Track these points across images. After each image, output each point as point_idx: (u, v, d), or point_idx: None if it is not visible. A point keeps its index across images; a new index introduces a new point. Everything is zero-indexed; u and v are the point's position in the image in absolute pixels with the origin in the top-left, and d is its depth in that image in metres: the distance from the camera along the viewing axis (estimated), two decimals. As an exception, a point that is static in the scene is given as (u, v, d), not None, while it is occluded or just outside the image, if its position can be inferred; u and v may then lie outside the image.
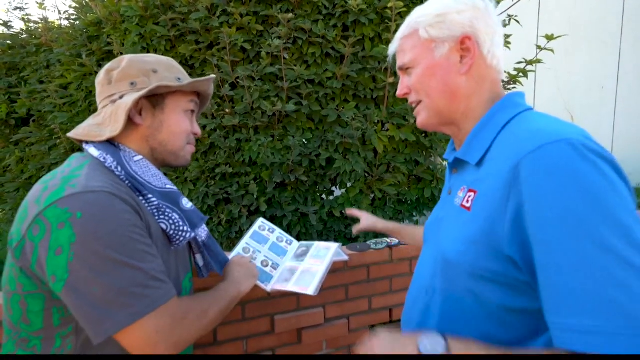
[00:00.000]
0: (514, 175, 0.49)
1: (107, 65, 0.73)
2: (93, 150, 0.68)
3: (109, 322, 0.57)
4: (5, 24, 2.62)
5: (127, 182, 0.67)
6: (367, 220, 1.11)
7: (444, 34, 0.60)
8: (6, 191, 2.56)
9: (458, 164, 0.66)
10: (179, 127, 0.75)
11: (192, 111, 0.78)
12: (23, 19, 2.60)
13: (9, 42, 2.54)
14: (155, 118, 0.73)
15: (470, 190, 0.58)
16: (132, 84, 0.70)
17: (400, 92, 0.68)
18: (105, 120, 0.69)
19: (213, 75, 0.81)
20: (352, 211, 1.17)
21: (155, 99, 0.72)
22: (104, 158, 0.67)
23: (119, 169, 0.67)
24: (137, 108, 0.71)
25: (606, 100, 5.64)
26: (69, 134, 0.72)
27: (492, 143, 0.58)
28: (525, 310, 0.52)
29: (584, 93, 5.42)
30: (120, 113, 0.67)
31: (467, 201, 0.57)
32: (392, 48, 0.69)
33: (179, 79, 0.74)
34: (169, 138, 0.74)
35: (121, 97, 0.70)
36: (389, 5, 1.58)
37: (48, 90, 2.16)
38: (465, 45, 0.60)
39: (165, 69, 0.74)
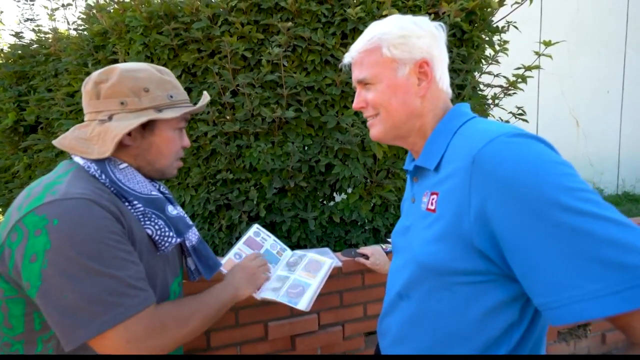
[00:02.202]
0: (472, 170, 0.52)
1: (96, 76, 0.70)
2: (79, 159, 0.69)
3: (79, 331, 0.57)
4: (17, 35, 2.70)
5: (111, 189, 0.67)
6: (375, 260, 1.14)
7: (405, 56, 0.64)
8: (14, 197, 2.61)
9: (418, 173, 0.69)
10: (168, 148, 0.74)
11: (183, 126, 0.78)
12: (34, 30, 2.68)
13: (19, 52, 2.62)
14: (145, 139, 0.72)
15: (432, 193, 0.61)
16: (121, 103, 0.68)
17: (356, 105, 0.70)
18: (92, 138, 0.68)
19: (207, 98, 0.80)
20: (363, 250, 1.19)
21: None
22: (88, 166, 0.67)
23: (103, 176, 0.67)
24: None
25: (612, 104, 5.57)
26: (54, 142, 0.71)
27: (447, 148, 0.62)
28: (501, 304, 0.54)
29: (589, 97, 5.36)
30: (108, 139, 0.66)
31: (432, 204, 0.60)
32: (348, 58, 0.71)
33: (171, 96, 0.73)
34: (157, 158, 0.74)
35: (110, 118, 0.68)
36: (384, 13, 1.59)
37: (55, 98, 2.22)
38: (423, 69, 0.64)
39: (157, 86, 0.71)
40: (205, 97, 0.80)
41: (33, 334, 0.62)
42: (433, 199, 0.60)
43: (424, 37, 0.64)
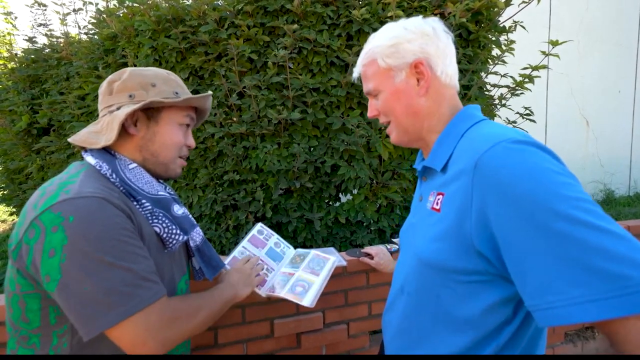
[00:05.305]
0: (474, 174, 0.54)
1: (110, 77, 0.78)
2: (90, 159, 0.72)
3: (99, 320, 0.59)
4: (30, 40, 2.77)
5: (121, 188, 0.70)
6: (379, 260, 1.16)
7: (398, 62, 0.67)
8: (27, 198, 2.68)
9: (427, 172, 0.71)
10: (171, 139, 0.78)
11: (188, 125, 0.82)
12: (46, 35, 2.75)
13: (32, 56, 2.68)
14: (149, 129, 0.77)
15: (438, 194, 0.62)
16: (130, 96, 0.74)
17: (370, 114, 0.74)
18: (102, 129, 0.73)
19: (209, 92, 0.85)
20: (368, 249, 1.20)
21: (150, 111, 0.76)
22: (100, 166, 0.70)
23: (114, 176, 0.70)
24: (132, 119, 0.75)
25: (623, 104, 5.47)
26: (70, 139, 0.76)
27: (454, 150, 0.63)
28: (497, 303, 0.55)
29: (599, 97, 5.28)
30: (114, 123, 0.71)
31: (437, 203, 0.62)
32: (355, 73, 0.75)
33: (176, 92, 0.78)
34: (160, 149, 0.77)
35: (118, 109, 0.74)
36: (389, 14, 1.60)
37: (67, 101, 2.27)
38: (419, 69, 0.66)
39: (163, 83, 0.77)
40: (208, 93, 0.85)
41: (49, 328, 0.65)
42: (439, 199, 0.61)
43: (414, 40, 0.66)
